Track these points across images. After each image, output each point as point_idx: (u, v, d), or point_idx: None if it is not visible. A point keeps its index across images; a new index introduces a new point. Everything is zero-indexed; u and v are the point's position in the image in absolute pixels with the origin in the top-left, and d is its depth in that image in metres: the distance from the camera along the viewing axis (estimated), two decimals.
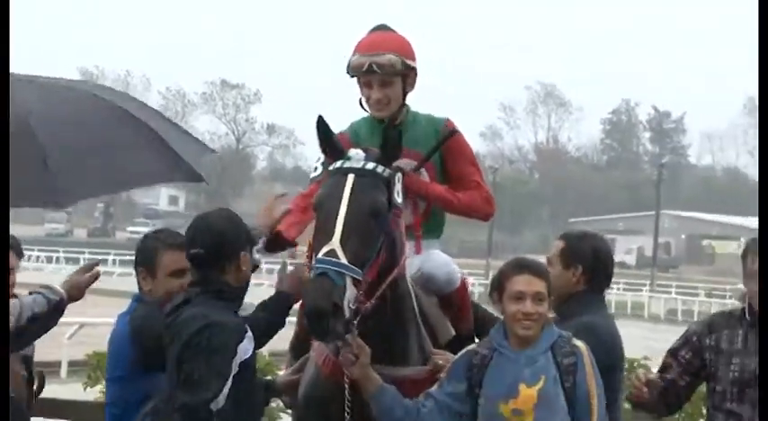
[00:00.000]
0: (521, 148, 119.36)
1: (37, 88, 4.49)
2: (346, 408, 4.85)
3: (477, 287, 52.40)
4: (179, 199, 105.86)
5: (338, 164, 4.82)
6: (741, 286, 5.21)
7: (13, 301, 4.89)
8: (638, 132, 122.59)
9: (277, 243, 5.17)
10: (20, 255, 5.45)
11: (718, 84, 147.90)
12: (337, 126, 5.36)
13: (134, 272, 5.15)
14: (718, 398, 5.05)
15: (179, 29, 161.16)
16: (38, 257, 54.52)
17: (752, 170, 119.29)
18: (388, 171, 4.82)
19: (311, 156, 5.79)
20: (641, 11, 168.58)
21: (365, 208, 4.66)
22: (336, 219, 4.62)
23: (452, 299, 5.35)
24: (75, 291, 5.11)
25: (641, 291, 55.89)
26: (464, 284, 5.42)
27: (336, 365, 4.93)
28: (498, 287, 4.73)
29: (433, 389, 4.79)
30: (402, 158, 5.07)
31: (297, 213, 5.23)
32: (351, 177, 4.74)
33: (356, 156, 4.82)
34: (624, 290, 54.08)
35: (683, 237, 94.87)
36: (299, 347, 5.37)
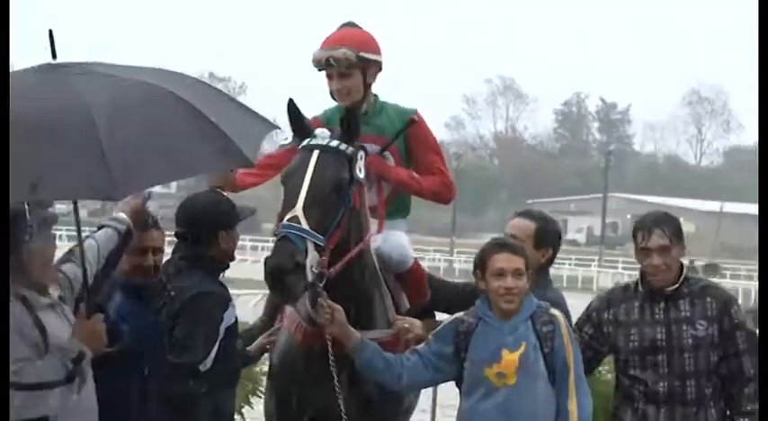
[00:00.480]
0: (482, 137, 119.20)
1: (89, 77, 4.16)
2: (331, 364, 4.81)
3: (443, 263, 52.52)
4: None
5: (305, 142, 4.88)
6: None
7: (88, 243, 4.61)
8: (587, 122, 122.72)
9: (232, 188, 5.21)
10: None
11: (660, 78, 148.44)
12: (313, 113, 5.34)
13: None
14: (622, 366, 5.06)
15: (170, 24, 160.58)
16: None
17: (690, 157, 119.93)
18: (350, 148, 4.86)
19: None
20: (594, 12, 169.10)
21: (327, 180, 4.73)
22: (301, 190, 4.67)
23: (403, 277, 5.31)
24: (135, 215, 4.82)
25: (590, 266, 56.11)
26: (416, 265, 5.35)
27: (309, 332, 4.92)
28: (481, 265, 4.72)
29: (420, 346, 4.80)
30: (369, 144, 5.08)
31: (258, 167, 5.26)
32: (315, 153, 4.80)
33: (321, 134, 4.89)
34: (575, 265, 54.32)
35: (628, 217, 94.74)
36: (272, 300, 5.35)
